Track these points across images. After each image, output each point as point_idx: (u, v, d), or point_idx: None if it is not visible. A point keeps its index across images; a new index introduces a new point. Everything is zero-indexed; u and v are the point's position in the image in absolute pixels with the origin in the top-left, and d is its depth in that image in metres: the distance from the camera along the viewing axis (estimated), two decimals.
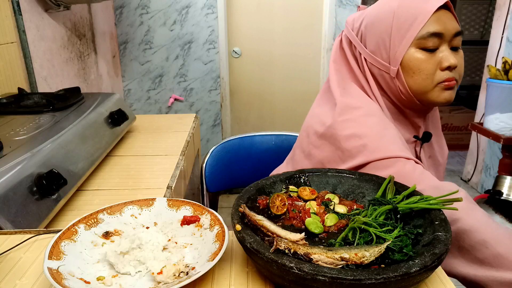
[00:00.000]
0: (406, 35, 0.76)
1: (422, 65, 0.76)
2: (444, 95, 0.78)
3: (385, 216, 0.59)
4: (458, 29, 0.77)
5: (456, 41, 0.77)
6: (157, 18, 2.76)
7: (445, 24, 0.75)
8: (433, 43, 0.76)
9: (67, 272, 0.50)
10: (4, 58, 1.36)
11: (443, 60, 0.76)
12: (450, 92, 0.78)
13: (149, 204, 0.67)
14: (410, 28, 0.75)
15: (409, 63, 0.77)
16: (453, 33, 0.76)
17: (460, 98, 3.93)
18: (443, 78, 0.77)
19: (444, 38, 0.76)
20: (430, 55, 0.76)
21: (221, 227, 0.58)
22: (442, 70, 0.77)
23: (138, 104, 2.98)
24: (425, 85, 0.78)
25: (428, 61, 0.76)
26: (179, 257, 0.56)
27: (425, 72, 0.77)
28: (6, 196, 0.70)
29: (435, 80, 0.77)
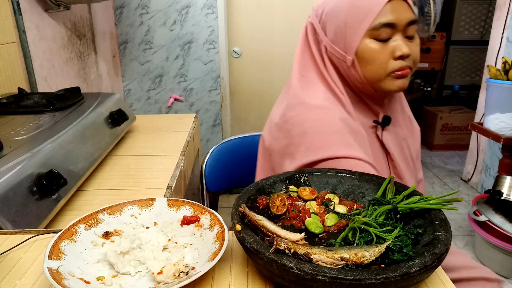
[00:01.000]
0: (360, 26, 0.77)
1: (375, 55, 0.78)
2: (397, 83, 0.80)
3: (385, 216, 0.59)
4: (412, 18, 0.78)
5: (411, 30, 0.79)
6: (157, 18, 2.76)
7: (398, 14, 0.76)
8: (386, 33, 0.77)
9: (67, 272, 0.50)
10: (4, 58, 1.36)
11: (396, 50, 0.77)
12: (402, 80, 0.80)
13: (149, 204, 0.67)
14: (364, 19, 0.77)
15: (363, 53, 0.79)
16: (406, 23, 0.77)
17: (460, 98, 3.93)
18: (396, 67, 0.78)
19: (397, 28, 0.77)
20: (383, 45, 0.78)
21: (221, 227, 0.58)
22: (395, 59, 0.78)
23: (138, 104, 2.98)
24: (379, 74, 0.79)
25: (381, 51, 0.78)
26: (179, 257, 0.56)
27: (378, 62, 0.78)
28: (6, 196, 0.70)
29: (388, 69, 0.79)
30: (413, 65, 0.81)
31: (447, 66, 3.99)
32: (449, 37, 3.86)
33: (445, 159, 3.46)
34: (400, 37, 0.78)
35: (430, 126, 3.68)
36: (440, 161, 3.41)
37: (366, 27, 0.77)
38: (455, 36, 3.87)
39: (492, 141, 2.41)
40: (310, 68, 0.88)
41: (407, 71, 0.79)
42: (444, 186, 2.97)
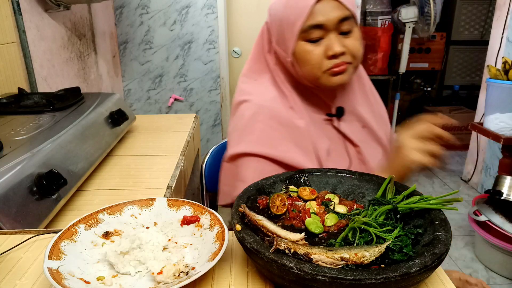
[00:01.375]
0: (293, 29, 0.79)
1: (308, 56, 0.80)
2: (334, 80, 0.81)
3: (385, 216, 0.59)
4: (342, 15, 0.78)
5: (345, 26, 0.79)
6: (157, 18, 2.76)
7: (327, 14, 0.77)
8: (316, 34, 0.79)
9: (67, 272, 0.50)
10: (4, 58, 1.36)
11: (328, 49, 0.79)
12: (340, 76, 0.81)
13: (149, 204, 0.67)
14: (295, 22, 0.78)
15: (298, 55, 0.81)
16: (336, 22, 0.78)
17: (460, 98, 3.93)
18: (329, 66, 0.80)
19: (327, 28, 0.78)
20: (316, 46, 0.80)
21: (221, 227, 0.58)
22: (328, 59, 0.80)
23: (138, 104, 2.98)
24: (314, 73, 0.81)
25: (314, 52, 0.79)
26: (179, 257, 0.56)
27: (311, 62, 0.80)
28: (6, 196, 0.70)
29: (322, 68, 0.80)
30: (353, 60, 0.81)
31: (447, 66, 3.99)
32: (449, 37, 3.86)
33: None
34: (334, 35, 0.79)
35: None
36: None
37: (298, 30, 0.78)
38: (455, 36, 3.87)
39: (492, 141, 2.41)
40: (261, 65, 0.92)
41: (343, 67, 0.80)
42: (444, 186, 2.97)
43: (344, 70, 0.81)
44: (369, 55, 3.35)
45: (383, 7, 3.31)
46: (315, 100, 0.89)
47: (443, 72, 4.02)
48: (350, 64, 0.82)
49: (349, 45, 0.80)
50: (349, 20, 0.79)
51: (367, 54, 3.35)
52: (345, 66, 0.81)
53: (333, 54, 0.78)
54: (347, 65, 0.81)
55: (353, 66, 0.83)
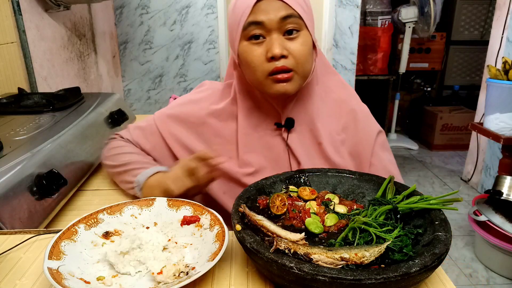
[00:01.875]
0: (237, 28, 0.76)
1: (248, 57, 0.76)
2: (276, 88, 0.75)
3: (385, 216, 0.59)
4: (285, 14, 0.72)
5: (288, 25, 0.73)
6: (157, 18, 2.76)
7: (267, 12, 0.73)
8: (256, 31, 0.74)
9: (67, 272, 0.50)
10: (4, 58, 1.36)
11: (268, 50, 0.73)
12: (282, 85, 0.75)
13: (149, 204, 0.67)
14: (239, 21, 0.75)
15: (241, 56, 0.77)
16: (278, 20, 0.72)
17: (460, 98, 3.93)
18: (270, 68, 0.74)
19: (268, 27, 0.73)
20: (257, 47, 0.75)
21: (221, 227, 0.58)
22: (268, 61, 0.74)
23: (138, 104, 2.98)
24: (257, 77, 0.76)
25: (254, 53, 0.75)
26: (179, 257, 0.56)
27: (252, 64, 0.75)
28: (6, 196, 0.70)
29: (264, 71, 0.75)
30: (296, 66, 0.75)
31: (447, 66, 3.99)
32: (449, 37, 3.86)
33: (445, 159, 3.46)
34: (276, 35, 0.74)
35: (430, 126, 3.68)
36: (440, 161, 3.41)
37: (241, 29, 0.75)
38: (455, 36, 3.87)
39: (492, 141, 2.41)
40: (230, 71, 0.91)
41: (286, 75, 0.74)
42: (444, 186, 2.97)
43: (288, 79, 0.75)
44: (369, 55, 3.35)
45: (383, 7, 3.31)
46: (266, 108, 0.84)
47: (443, 72, 4.02)
48: (295, 73, 0.75)
49: (292, 49, 0.74)
50: (293, 19, 0.73)
51: (367, 54, 3.36)
52: (290, 74, 0.74)
53: (272, 55, 0.72)
54: (292, 73, 0.75)
55: (300, 76, 0.76)
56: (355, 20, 2.70)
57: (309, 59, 0.77)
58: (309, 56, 0.77)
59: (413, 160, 3.48)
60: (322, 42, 3.00)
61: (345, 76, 2.78)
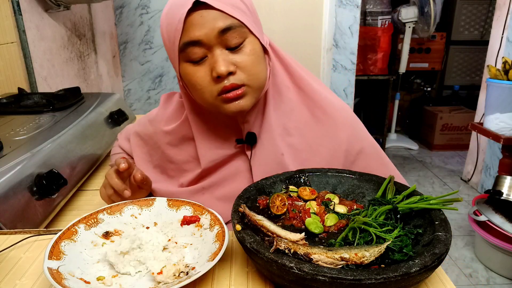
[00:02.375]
0: (174, 48, 0.66)
1: (192, 80, 0.67)
2: (230, 108, 0.67)
3: (385, 216, 0.59)
4: (223, 25, 0.63)
5: (229, 38, 0.64)
6: (157, 18, 2.76)
7: (202, 26, 0.63)
8: (196, 53, 0.65)
9: (67, 272, 0.50)
10: (4, 58, 1.36)
11: (213, 70, 0.65)
12: (237, 103, 0.67)
13: (149, 204, 0.67)
14: (174, 41, 0.65)
15: (184, 78, 0.69)
16: (216, 34, 0.63)
17: (460, 98, 3.93)
18: (219, 89, 0.66)
19: (206, 44, 0.64)
20: (200, 67, 0.66)
21: (221, 227, 0.58)
22: (215, 82, 0.65)
23: (138, 104, 2.98)
24: (206, 98, 0.68)
25: (197, 74, 0.66)
26: (179, 257, 0.56)
27: (198, 86, 0.67)
28: (6, 196, 0.70)
29: (212, 92, 0.66)
30: (247, 79, 0.66)
31: (447, 66, 3.99)
32: (449, 37, 3.86)
33: (445, 159, 3.46)
34: (219, 51, 0.64)
35: (430, 126, 3.68)
36: (440, 161, 3.41)
37: (177, 50, 0.65)
38: (455, 36, 3.87)
39: (492, 141, 2.41)
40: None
41: (239, 92, 0.66)
42: (444, 186, 2.97)
43: (240, 96, 0.66)
44: (369, 55, 3.35)
45: (383, 7, 3.31)
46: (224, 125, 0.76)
47: (443, 72, 4.02)
48: (247, 86, 0.67)
49: (240, 62, 0.65)
50: (234, 30, 0.64)
51: (367, 54, 3.35)
52: (242, 90, 0.66)
53: (217, 75, 0.64)
54: (244, 88, 0.66)
55: (254, 88, 0.68)
56: (355, 20, 2.70)
57: (260, 68, 0.69)
58: (260, 65, 0.68)
59: (413, 160, 3.48)
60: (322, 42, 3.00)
61: (345, 76, 2.78)
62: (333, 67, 2.75)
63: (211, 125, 0.76)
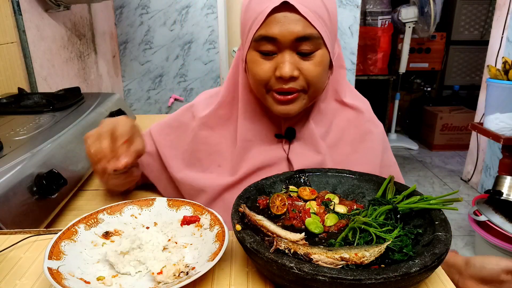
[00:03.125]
0: (248, 35, 0.69)
1: (255, 69, 0.70)
2: (279, 109, 0.71)
3: (385, 216, 0.59)
4: (302, 33, 0.65)
5: (303, 46, 0.67)
6: (157, 18, 2.76)
7: (282, 27, 0.65)
8: (267, 47, 0.67)
9: (67, 272, 0.50)
10: (4, 58, 1.36)
11: (277, 68, 0.67)
12: (285, 107, 0.70)
13: (149, 204, 0.67)
14: (250, 28, 0.68)
15: (248, 64, 0.72)
16: (292, 39, 0.66)
17: (460, 98, 3.93)
18: (275, 87, 0.69)
19: (281, 43, 0.66)
20: (266, 60, 0.69)
21: (221, 227, 0.58)
22: (276, 79, 0.68)
23: (138, 104, 2.98)
24: (258, 89, 0.72)
25: (262, 66, 0.69)
26: (179, 257, 0.56)
27: (257, 77, 0.70)
28: (6, 196, 0.70)
29: (268, 87, 0.70)
30: (306, 86, 0.69)
31: (447, 66, 3.99)
32: (449, 37, 3.86)
33: (445, 159, 3.46)
34: (289, 54, 0.67)
35: (430, 126, 3.68)
36: (440, 161, 3.41)
37: (251, 38, 0.68)
38: (455, 36, 3.87)
39: (492, 141, 2.41)
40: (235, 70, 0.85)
41: (291, 97, 0.69)
42: (444, 186, 2.97)
43: (291, 100, 0.69)
44: (369, 55, 3.35)
45: (383, 7, 3.32)
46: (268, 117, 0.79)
47: (443, 72, 4.03)
48: (302, 93, 0.70)
49: (305, 69, 0.68)
50: (310, 41, 0.66)
51: (367, 54, 3.36)
52: (294, 96, 0.69)
53: (280, 75, 0.67)
54: (298, 94, 0.69)
55: (308, 96, 0.71)
56: (355, 20, 2.70)
57: (322, 80, 0.71)
58: (322, 77, 0.71)
59: (413, 160, 3.48)
60: None
61: None
62: None
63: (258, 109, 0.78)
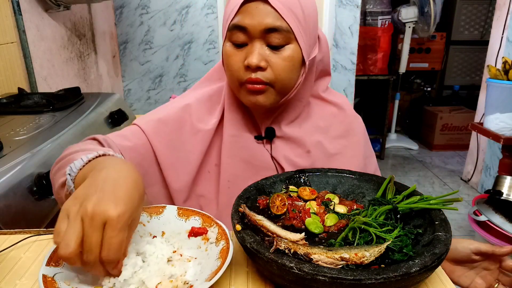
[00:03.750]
0: (225, 26, 0.71)
1: (228, 60, 0.71)
2: (249, 98, 0.71)
3: (385, 216, 0.59)
4: (269, 25, 0.66)
5: (272, 38, 0.67)
6: (157, 18, 2.76)
7: (253, 16, 0.66)
8: (239, 37, 0.68)
9: (63, 281, 0.49)
10: (4, 58, 1.36)
11: (246, 58, 0.68)
12: (256, 97, 0.70)
13: (159, 212, 0.65)
14: (228, 19, 0.70)
15: (223, 57, 0.73)
16: (261, 29, 0.66)
17: (460, 98, 3.93)
18: (244, 78, 0.69)
19: (251, 33, 0.67)
20: (238, 51, 0.70)
21: (227, 242, 0.56)
22: (245, 69, 0.69)
23: (138, 104, 2.98)
24: (233, 82, 0.72)
25: (233, 57, 0.70)
26: (181, 272, 0.55)
27: (230, 68, 0.71)
28: (6, 196, 0.70)
29: (240, 78, 0.70)
30: (273, 80, 0.69)
31: (447, 66, 3.99)
32: (449, 37, 3.86)
33: (445, 159, 3.46)
34: (259, 44, 0.68)
35: (430, 126, 3.68)
36: (440, 161, 3.41)
37: (226, 29, 0.70)
38: (455, 36, 3.87)
39: (492, 141, 2.41)
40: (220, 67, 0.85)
41: (259, 87, 0.69)
42: (444, 186, 2.97)
43: (259, 90, 0.69)
44: (369, 55, 3.35)
45: (383, 7, 3.31)
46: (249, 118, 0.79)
47: (443, 72, 4.03)
48: (270, 86, 0.70)
49: (274, 63, 0.68)
50: (279, 33, 0.67)
51: (367, 54, 3.36)
52: (262, 87, 0.69)
53: (248, 64, 0.67)
54: (266, 86, 0.69)
55: (277, 91, 0.71)
56: (355, 20, 2.70)
57: (291, 76, 0.71)
58: (291, 73, 0.70)
59: (413, 160, 3.48)
60: None
61: (345, 76, 2.78)
62: (333, 67, 2.75)
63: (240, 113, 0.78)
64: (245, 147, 0.79)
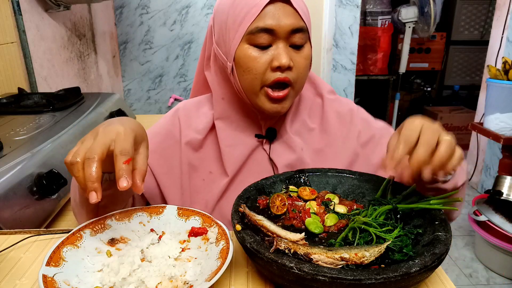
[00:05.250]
0: (238, 29, 0.69)
1: (251, 63, 0.70)
2: (269, 106, 0.72)
3: (385, 216, 0.59)
4: (296, 25, 0.68)
5: (296, 38, 0.70)
6: (157, 18, 2.76)
7: (279, 19, 0.67)
8: (264, 39, 0.68)
9: (63, 281, 0.49)
10: (4, 58, 1.36)
11: (274, 59, 0.69)
12: (278, 105, 0.72)
13: (159, 212, 0.65)
14: (242, 21, 0.69)
15: (239, 60, 0.71)
16: (288, 30, 0.68)
17: (460, 98, 3.93)
18: (271, 79, 0.69)
19: (277, 35, 0.68)
20: (262, 53, 0.70)
21: (227, 242, 0.56)
22: (272, 70, 0.69)
23: (138, 104, 2.98)
24: (254, 85, 0.71)
25: (258, 59, 0.69)
26: (181, 272, 0.55)
27: (253, 70, 0.70)
28: (6, 196, 0.70)
29: (264, 80, 0.70)
30: (296, 79, 0.71)
31: (447, 66, 3.99)
32: (449, 37, 3.86)
33: None
34: (283, 45, 0.69)
35: None
36: None
37: (244, 31, 0.69)
38: (455, 36, 3.87)
39: (492, 141, 2.41)
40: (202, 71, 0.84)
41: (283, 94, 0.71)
42: None
43: (283, 98, 0.71)
44: (369, 55, 3.35)
45: (383, 7, 3.31)
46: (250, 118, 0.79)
47: (443, 72, 4.03)
48: (291, 88, 0.72)
49: (297, 62, 0.70)
50: (302, 33, 0.70)
51: (367, 54, 3.36)
52: (286, 92, 0.71)
53: (279, 65, 0.68)
54: (289, 90, 0.71)
55: (295, 92, 0.74)
56: (355, 20, 2.70)
57: (307, 74, 0.75)
58: (307, 71, 0.74)
59: None
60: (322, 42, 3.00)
61: (345, 76, 2.78)
62: (333, 67, 2.75)
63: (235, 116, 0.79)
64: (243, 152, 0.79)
